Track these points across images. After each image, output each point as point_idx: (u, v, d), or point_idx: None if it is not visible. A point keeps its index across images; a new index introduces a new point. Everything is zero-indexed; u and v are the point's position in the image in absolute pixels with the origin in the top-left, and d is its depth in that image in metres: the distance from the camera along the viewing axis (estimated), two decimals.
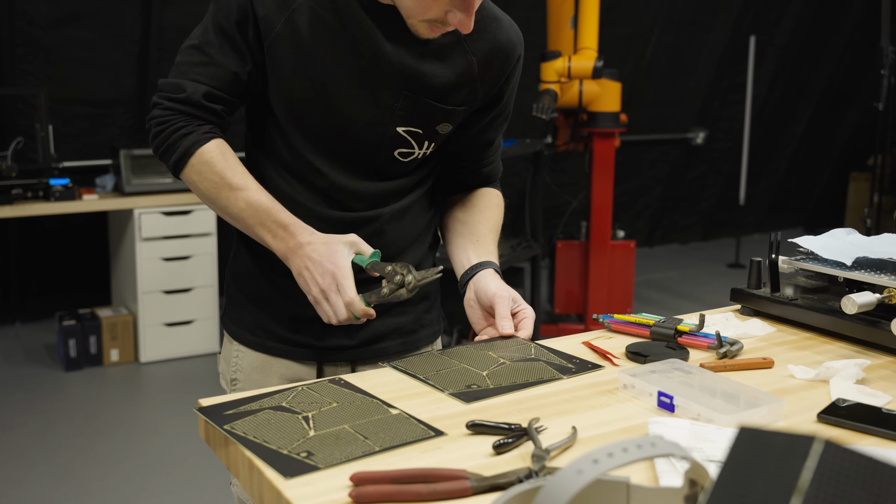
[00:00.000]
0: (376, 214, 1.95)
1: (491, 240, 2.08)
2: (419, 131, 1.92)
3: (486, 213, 2.11)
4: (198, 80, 1.86)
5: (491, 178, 2.17)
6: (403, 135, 1.91)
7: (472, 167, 2.12)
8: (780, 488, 0.85)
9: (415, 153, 1.95)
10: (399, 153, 1.93)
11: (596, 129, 5.93)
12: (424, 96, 1.87)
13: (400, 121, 1.89)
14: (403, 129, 1.90)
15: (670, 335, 1.90)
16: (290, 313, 1.99)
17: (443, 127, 1.94)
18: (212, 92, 1.86)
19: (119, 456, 4.58)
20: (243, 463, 1.39)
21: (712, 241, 10.14)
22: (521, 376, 1.68)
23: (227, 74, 1.86)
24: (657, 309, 7.13)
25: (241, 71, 1.86)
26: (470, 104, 1.95)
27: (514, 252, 5.67)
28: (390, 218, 1.97)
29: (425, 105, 1.88)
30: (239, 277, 2.08)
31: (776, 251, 2.08)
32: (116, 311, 5.98)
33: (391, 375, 1.71)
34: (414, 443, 1.40)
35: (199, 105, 1.86)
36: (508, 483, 1.24)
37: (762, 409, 1.49)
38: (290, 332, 2.01)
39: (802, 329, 2.01)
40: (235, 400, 1.56)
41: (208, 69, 1.86)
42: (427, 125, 1.92)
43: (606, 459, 0.95)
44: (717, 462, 1.32)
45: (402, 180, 1.98)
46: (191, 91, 1.85)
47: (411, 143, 1.92)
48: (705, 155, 9.49)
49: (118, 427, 4.92)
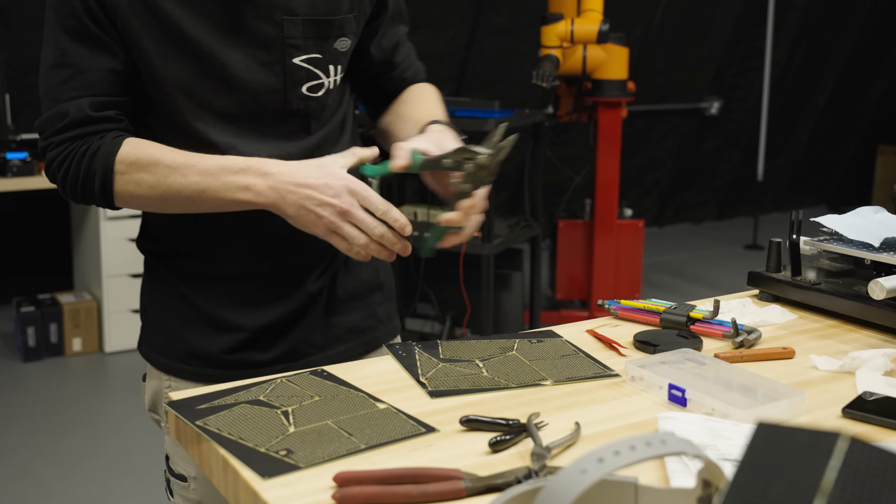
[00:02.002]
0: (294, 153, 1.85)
1: (433, 111, 1.97)
2: (318, 56, 1.84)
3: (424, 105, 2.02)
4: (75, 97, 1.74)
5: (416, 79, 2.11)
6: (303, 65, 1.83)
7: (390, 79, 2.06)
8: (802, 489, 0.85)
9: (323, 83, 1.87)
10: (308, 88, 1.85)
11: (601, 99, 5.93)
12: (308, 14, 1.81)
13: (293, 51, 1.81)
14: (300, 60, 1.82)
15: (682, 323, 1.90)
16: (230, 329, 1.89)
17: (340, 43, 1.87)
18: (95, 101, 1.75)
19: (82, 454, 4.59)
20: (217, 462, 1.39)
21: (728, 221, 10.15)
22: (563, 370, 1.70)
23: (102, 75, 1.75)
24: (668, 294, 7.14)
25: (115, 65, 1.75)
26: (358, 8, 1.89)
27: (511, 232, 5.67)
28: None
29: (312, 24, 1.81)
30: (157, 298, 1.96)
31: (797, 231, 2.08)
32: (79, 297, 5.98)
33: (378, 366, 1.71)
34: (403, 440, 1.40)
35: (88, 121, 1.75)
36: (506, 484, 1.24)
37: (782, 404, 1.49)
38: (230, 353, 1.90)
39: (826, 316, 2.01)
40: (208, 393, 1.56)
41: (79, 79, 1.74)
42: (323, 46, 1.85)
43: (612, 458, 0.95)
44: (732, 461, 1.32)
45: (325, 129, 1.91)
46: (73, 111, 1.74)
47: (315, 72, 1.85)
48: (720, 126, 9.49)
49: (81, 423, 4.93)
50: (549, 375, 1.66)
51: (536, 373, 1.67)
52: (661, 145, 9.30)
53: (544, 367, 1.69)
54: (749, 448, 0.91)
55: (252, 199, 1.70)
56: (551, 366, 1.70)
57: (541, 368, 1.69)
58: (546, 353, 1.77)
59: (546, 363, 1.72)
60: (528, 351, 1.78)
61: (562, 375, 1.66)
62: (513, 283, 6.00)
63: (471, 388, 1.61)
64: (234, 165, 1.71)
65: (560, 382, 1.63)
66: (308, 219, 1.69)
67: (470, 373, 1.67)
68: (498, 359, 1.74)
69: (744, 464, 0.90)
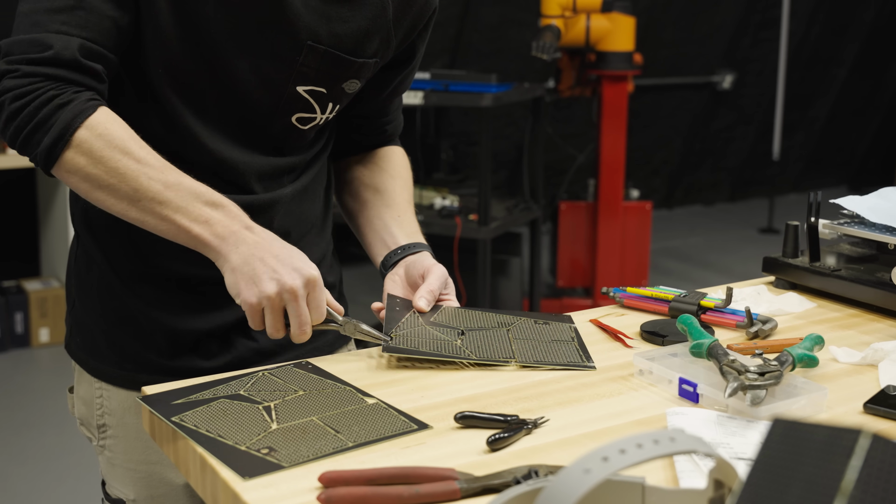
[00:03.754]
0: (273, 199, 1.84)
1: (412, 215, 2.02)
2: (322, 91, 1.82)
3: (399, 180, 2.05)
4: (65, 32, 1.62)
5: (394, 135, 2.12)
6: (304, 95, 1.80)
7: (373, 126, 2.06)
8: (821, 490, 0.85)
9: (316, 119, 1.85)
10: (297, 119, 1.83)
11: (606, 72, 5.92)
12: (332, 47, 1.77)
13: (300, 78, 1.78)
14: (304, 89, 1.80)
15: (693, 312, 1.90)
16: (171, 333, 1.83)
17: (350, 85, 1.85)
18: (87, 46, 1.63)
19: (50, 453, 4.59)
20: (194, 461, 1.39)
21: (741, 203, 10.16)
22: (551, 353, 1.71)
23: (104, 22, 1.64)
24: (677, 281, 7.15)
25: (121, 16, 1.66)
26: (382, 56, 1.87)
27: (510, 215, 5.67)
28: (289, 201, 1.87)
29: (333, 58, 1.78)
30: (91, 293, 1.88)
31: (816, 214, 2.08)
32: (47, 284, 5.98)
33: (367, 358, 1.71)
34: (393, 437, 1.40)
35: (74, 64, 1.62)
36: (504, 484, 1.24)
37: (800, 399, 1.49)
38: (170, 358, 1.83)
39: (846, 304, 2.01)
40: (185, 387, 1.56)
41: (77, 15, 1.62)
42: (332, 83, 1.82)
43: (618, 457, 0.95)
44: (746, 460, 1.32)
45: (298, 157, 1.89)
46: (60, 46, 1.61)
47: (312, 105, 1.83)
48: (733, 102, 9.49)
49: (49, 419, 4.93)
50: (519, 357, 1.68)
51: (510, 352, 1.69)
52: (670, 122, 9.29)
53: (522, 349, 1.72)
54: (764, 446, 0.91)
55: (203, 235, 1.63)
56: (532, 348, 1.72)
57: (518, 349, 1.71)
58: (541, 335, 1.78)
59: (528, 344, 1.74)
60: (522, 330, 1.80)
61: (531, 359, 1.68)
62: (511, 270, 6.00)
63: (428, 351, 1.65)
64: (210, 195, 1.65)
65: (527, 366, 1.65)
66: (248, 276, 1.62)
67: (443, 338, 1.69)
68: (484, 332, 1.75)
69: (759, 463, 0.90)
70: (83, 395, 1.91)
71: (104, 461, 1.89)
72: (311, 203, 1.94)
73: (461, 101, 5.45)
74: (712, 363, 1.57)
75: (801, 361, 1.59)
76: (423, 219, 5.27)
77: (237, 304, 1.66)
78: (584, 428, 1.44)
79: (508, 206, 5.84)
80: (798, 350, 1.60)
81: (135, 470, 1.85)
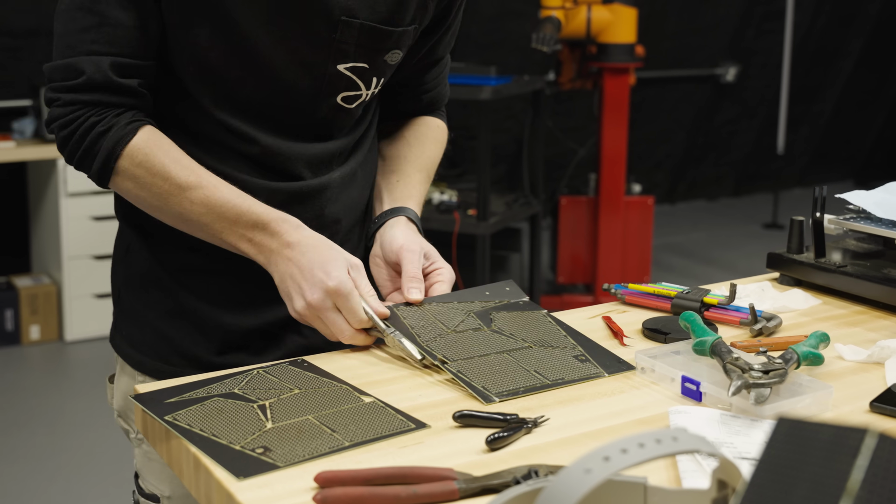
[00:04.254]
0: (323, 184, 1.85)
1: (417, 179, 1.99)
2: (365, 66, 1.80)
3: (418, 146, 2.03)
4: (96, 52, 1.66)
5: (433, 105, 2.10)
6: (346, 74, 1.79)
7: (412, 93, 2.04)
8: (826, 491, 0.85)
9: (362, 95, 1.84)
10: (343, 98, 1.82)
11: (607, 64, 5.92)
12: (368, 19, 1.75)
13: (340, 56, 1.76)
14: (345, 67, 1.78)
15: (696, 309, 1.90)
16: (219, 328, 1.85)
17: (392, 56, 1.83)
18: (119, 62, 1.67)
19: (41, 453, 4.59)
20: (188, 460, 1.38)
21: (745, 197, 10.15)
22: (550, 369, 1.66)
23: (131, 33, 1.67)
24: (680, 277, 7.15)
25: (147, 22, 1.68)
26: (421, 21, 1.84)
27: (509, 210, 5.67)
28: (338, 186, 1.87)
29: (369, 30, 1.76)
30: (138, 283, 1.89)
31: (821, 209, 2.08)
32: (37, 281, 5.97)
33: (364, 356, 1.71)
34: (391, 437, 1.40)
35: (107, 86, 1.67)
36: (503, 485, 1.24)
37: (805, 398, 1.49)
38: (219, 355, 1.84)
39: (852, 301, 2.01)
40: (178, 386, 1.56)
41: (104, 32, 1.66)
42: (374, 56, 1.80)
43: (619, 456, 0.95)
44: (751, 460, 1.32)
45: (346, 138, 1.88)
46: (91, 70, 1.66)
47: (356, 83, 1.81)
48: (737, 95, 9.49)
49: (39, 419, 4.92)
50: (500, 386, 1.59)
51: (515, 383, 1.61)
52: (673, 115, 9.29)
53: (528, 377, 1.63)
54: (769, 446, 0.91)
55: (250, 252, 1.73)
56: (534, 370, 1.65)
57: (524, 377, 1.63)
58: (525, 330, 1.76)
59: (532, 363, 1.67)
60: (507, 322, 1.77)
61: (505, 388, 1.58)
62: (510, 266, 6.00)
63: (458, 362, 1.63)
64: (250, 218, 1.71)
65: (504, 398, 1.55)
66: (285, 293, 1.72)
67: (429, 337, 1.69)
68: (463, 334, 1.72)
69: (763, 463, 0.90)
70: (123, 388, 1.90)
71: (140, 454, 1.87)
72: (360, 188, 1.93)
73: (459, 94, 5.43)
74: (716, 361, 1.57)
75: (806, 359, 1.59)
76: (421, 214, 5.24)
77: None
78: (584, 427, 1.44)
79: (508, 200, 5.84)
80: (803, 348, 1.60)
81: None
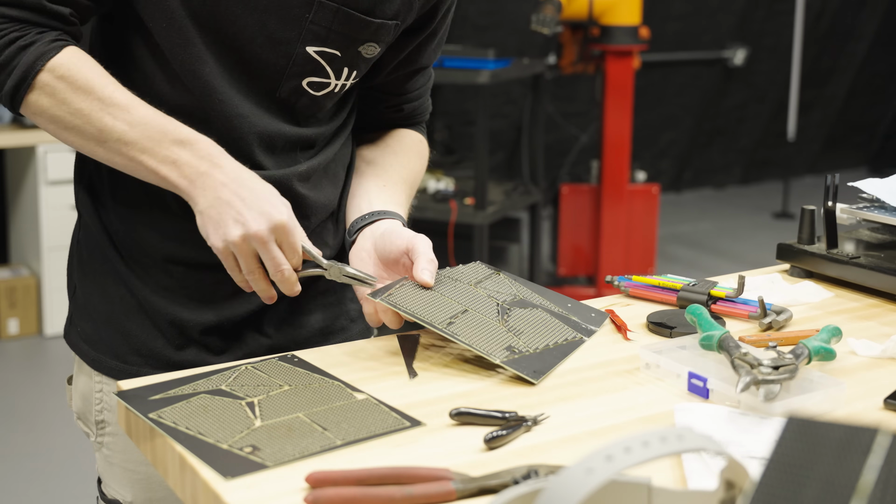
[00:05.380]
0: (286, 176, 1.80)
1: (402, 190, 1.95)
2: (336, 53, 1.78)
3: (404, 157, 2.00)
4: None
5: (414, 118, 2.07)
6: (315, 58, 1.77)
7: (392, 101, 2.01)
8: (838, 491, 0.85)
9: (330, 85, 1.81)
10: (309, 83, 1.79)
11: (610, 47, 5.92)
12: (346, 5, 1.72)
13: (311, 38, 1.74)
14: (315, 50, 1.76)
15: (702, 302, 1.90)
16: (175, 322, 1.82)
17: (367, 48, 1.80)
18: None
19: (19, 452, 4.59)
20: (173, 460, 1.38)
21: (754, 186, 10.16)
22: (547, 333, 1.69)
23: None
24: (686, 269, 7.15)
25: None
26: (404, 17, 1.82)
27: (508, 199, 5.67)
28: (304, 181, 1.84)
29: (346, 17, 1.74)
30: (94, 279, 1.87)
31: (833, 198, 2.08)
32: (15, 273, 5.98)
33: (356, 351, 1.71)
34: (384, 435, 1.40)
35: (37, 8, 1.65)
36: (502, 485, 1.24)
37: (816, 395, 1.49)
38: (177, 350, 1.82)
39: (866, 294, 2.01)
40: (163, 382, 1.56)
41: None
42: (347, 45, 1.78)
43: (623, 456, 0.95)
44: (759, 459, 1.32)
45: (314, 129, 1.85)
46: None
47: (325, 69, 1.79)
48: (746, 78, 9.49)
49: (18, 416, 4.93)
50: (508, 359, 1.62)
51: (505, 346, 1.64)
52: (679, 100, 9.29)
53: (519, 343, 1.66)
54: (778, 445, 0.91)
55: (171, 177, 1.64)
56: (527, 342, 1.68)
57: (515, 343, 1.66)
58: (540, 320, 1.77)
59: (525, 338, 1.69)
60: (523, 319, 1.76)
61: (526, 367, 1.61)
62: (509, 257, 6.00)
63: (419, 314, 1.63)
64: (177, 132, 1.65)
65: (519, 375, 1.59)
66: (214, 220, 1.63)
67: (442, 304, 1.68)
68: (484, 315, 1.72)
69: (772, 462, 0.90)
70: (82, 389, 1.90)
71: (101, 459, 1.87)
72: (331, 186, 1.90)
73: (456, 78, 5.45)
74: (723, 356, 1.57)
75: (817, 354, 1.59)
76: (416, 203, 5.27)
77: (248, 295, 1.70)
78: (586, 425, 1.44)
79: (506, 189, 5.85)
80: (814, 342, 1.60)
81: (134, 471, 1.83)
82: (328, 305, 1.94)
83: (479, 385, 1.57)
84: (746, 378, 1.46)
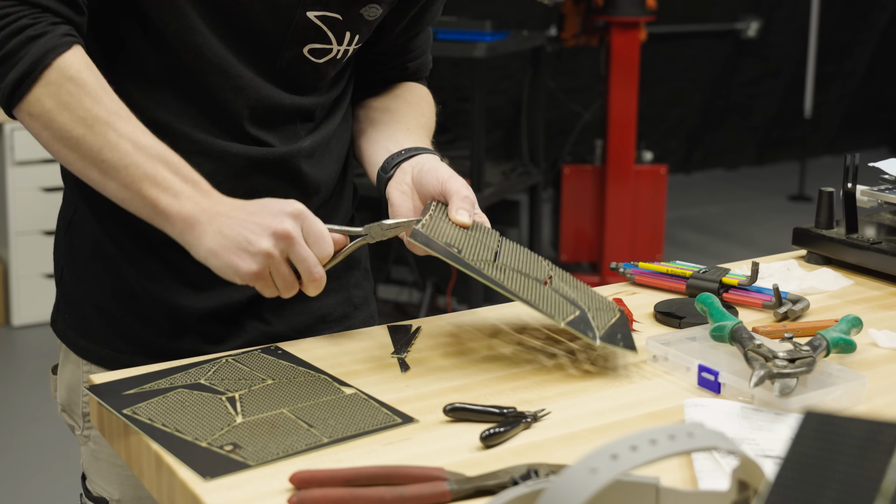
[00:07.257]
0: (291, 153, 1.82)
1: (426, 135, 1.99)
2: (337, 17, 1.79)
3: (415, 107, 2.04)
4: None
5: (418, 74, 2.11)
6: (316, 22, 1.78)
7: (394, 61, 2.05)
8: (859, 492, 0.85)
9: (332, 51, 1.83)
10: (310, 50, 1.81)
11: (615, 18, 5.92)
12: None
13: (311, 2, 1.76)
14: (316, 15, 1.77)
15: (713, 290, 1.90)
16: (171, 308, 1.82)
17: (369, 10, 1.82)
18: None
19: None
20: (148, 459, 1.39)
21: (769, 166, 10.17)
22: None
23: None
24: (696, 255, 7.16)
25: None
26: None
27: (506, 180, 5.67)
28: (308, 159, 1.85)
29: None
30: (83, 263, 1.87)
31: (853, 179, 2.08)
32: None
33: (344, 343, 1.71)
34: (374, 432, 1.41)
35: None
36: (499, 485, 1.24)
37: (836, 389, 1.49)
38: (172, 339, 1.82)
39: (888, 282, 2.01)
40: (138, 376, 1.56)
41: None
42: (348, 8, 1.80)
43: (629, 454, 0.95)
44: (775, 458, 1.32)
45: (313, 98, 1.87)
46: None
47: (327, 34, 1.80)
48: (759, 52, 9.49)
49: None
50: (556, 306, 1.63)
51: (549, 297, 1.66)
52: (688, 75, 9.30)
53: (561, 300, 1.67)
54: (795, 443, 0.91)
55: (171, 206, 1.60)
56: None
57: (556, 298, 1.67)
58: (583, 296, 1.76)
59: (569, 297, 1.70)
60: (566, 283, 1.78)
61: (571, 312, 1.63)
62: None
63: (465, 259, 1.61)
64: (184, 171, 1.62)
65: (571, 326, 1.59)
66: (236, 245, 1.59)
67: (483, 248, 1.67)
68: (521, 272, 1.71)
69: (788, 461, 0.90)
70: (67, 379, 1.89)
71: (87, 453, 1.87)
72: (333, 163, 1.92)
73: (451, 51, 5.43)
74: (736, 348, 1.57)
75: (836, 346, 1.59)
76: None
77: None
78: (590, 422, 1.44)
79: (505, 170, 5.84)
80: (833, 333, 1.60)
81: (122, 466, 1.82)
82: (331, 291, 1.92)
83: (475, 379, 1.57)
84: (761, 371, 1.46)
